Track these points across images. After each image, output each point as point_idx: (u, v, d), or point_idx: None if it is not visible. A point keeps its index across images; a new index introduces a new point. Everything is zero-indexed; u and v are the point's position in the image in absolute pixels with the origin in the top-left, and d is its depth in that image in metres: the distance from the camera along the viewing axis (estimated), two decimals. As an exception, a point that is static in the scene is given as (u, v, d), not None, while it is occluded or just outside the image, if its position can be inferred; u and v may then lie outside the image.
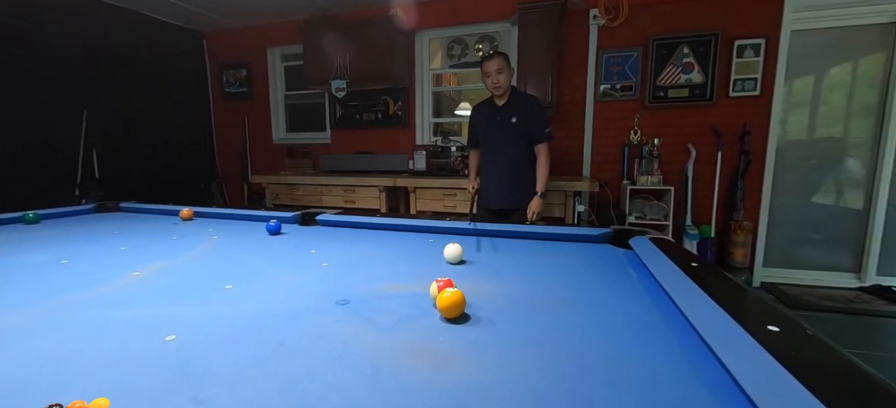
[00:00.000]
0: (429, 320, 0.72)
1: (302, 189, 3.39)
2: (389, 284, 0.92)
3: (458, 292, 0.71)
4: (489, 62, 2.10)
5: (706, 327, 0.58)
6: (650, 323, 0.70)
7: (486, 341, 0.64)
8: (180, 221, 1.72)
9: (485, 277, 0.98)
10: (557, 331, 0.68)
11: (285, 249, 1.25)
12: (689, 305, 0.67)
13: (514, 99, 2.18)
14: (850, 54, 2.72)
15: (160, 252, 1.21)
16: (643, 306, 0.78)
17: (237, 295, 0.85)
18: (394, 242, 1.33)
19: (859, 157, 2.79)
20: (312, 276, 0.99)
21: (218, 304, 0.80)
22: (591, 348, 0.61)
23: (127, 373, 0.54)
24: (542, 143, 2.15)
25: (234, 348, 0.61)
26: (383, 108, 3.74)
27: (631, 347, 0.61)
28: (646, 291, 0.85)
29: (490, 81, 2.13)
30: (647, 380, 0.52)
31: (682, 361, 0.57)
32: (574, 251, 1.21)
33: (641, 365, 0.56)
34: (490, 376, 0.54)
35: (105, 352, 0.60)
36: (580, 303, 0.80)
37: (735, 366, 0.48)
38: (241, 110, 4.28)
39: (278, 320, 0.72)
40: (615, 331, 0.67)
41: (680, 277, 0.80)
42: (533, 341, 0.64)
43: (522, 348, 0.62)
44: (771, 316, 0.61)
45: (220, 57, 4.26)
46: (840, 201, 2.90)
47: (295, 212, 1.65)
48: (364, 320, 0.72)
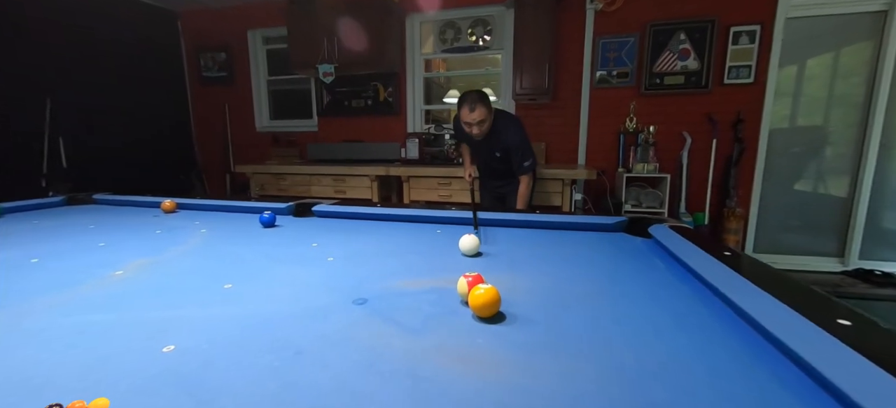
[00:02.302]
0: (459, 319, 0.65)
1: (289, 179, 3.25)
2: (405, 280, 0.85)
3: (493, 289, 0.65)
4: (470, 113, 1.91)
5: (773, 323, 0.54)
6: (698, 318, 0.65)
7: (530, 342, 0.58)
8: (162, 213, 1.59)
9: (503, 269, 0.92)
10: (601, 328, 0.62)
11: (283, 243, 1.16)
12: (744, 298, 0.62)
13: (496, 135, 2.03)
14: (842, 43, 2.75)
15: (144, 248, 1.10)
16: (682, 299, 0.73)
17: (239, 295, 0.77)
18: (398, 234, 1.25)
19: (845, 145, 2.86)
20: (320, 272, 0.90)
21: (218, 305, 0.72)
22: (644, 348, 0.56)
23: (119, 392, 0.46)
24: (523, 175, 2.06)
25: (245, 357, 0.54)
26: (373, 94, 3.61)
27: (686, 345, 0.56)
28: (681, 282, 0.81)
29: (470, 130, 1.97)
30: (719, 383, 0.47)
31: (749, 359, 0.52)
32: (589, 241, 1.16)
33: (707, 366, 0.51)
34: (548, 383, 0.48)
35: (89, 365, 0.52)
36: (614, 296, 0.75)
37: (826, 367, 0.43)
38: (221, 96, 4.07)
39: (291, 322, 0.64)
40: (663, 327, 0.62)
41: (720, 268, 0.75)
42: (580, 339, 0.58)
43: (572, 348, 0.56)
44: (831, 309, 0.57)
45: (196, 39, 4.02)
46: (825, 189, 2.96)
47: (287, 203, 1.55)
48: (388, 321, 0.65)
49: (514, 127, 2.05)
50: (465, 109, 1.93)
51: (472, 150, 2.27)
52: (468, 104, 1.92)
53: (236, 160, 4.06)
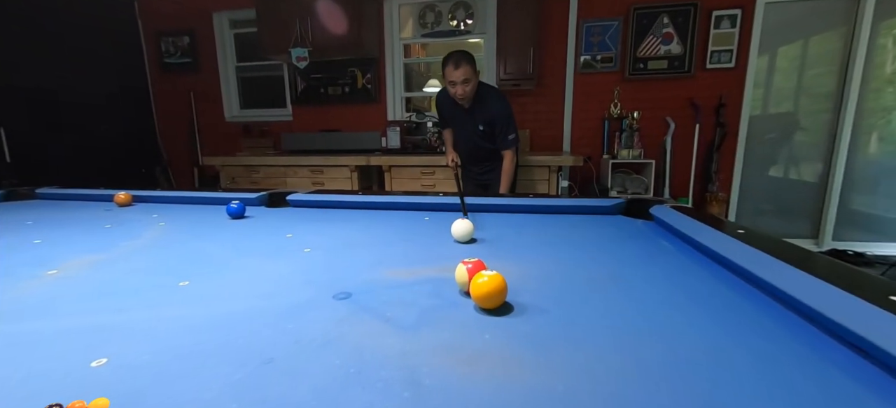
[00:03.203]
0: (460, 312, 0.56)
1: (263, 171, 3.07)
2: (393, 270, 0.75)
3: (499, 276, 0.56)
4: (455, 70, 1.83)
5: (824, 304, 0.47)
6: (725, 300, 0.59)
7: (545, 335, 0.49)
8: (115, 207, 1.43)
9: (503, 255, 0.83)
10: (622, 315, 0.54)
11: (254, 234, 1.04)
12: (780, 277, 0.56)
13: (480, 103, 1.96)
14: (817, 29, 2.80)
15: (88, 245, 0.96)
16: (702, 281, 0.67)
17: (197, 293, 0.65)
18: (382, 222, 1.15)
19: (818, 130, 2.92)
20: (295, 264, 0.79)
21: (170, 306, 0.60)
22: (675, 335, 0.48)
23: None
24: (507, 149, 2.00)
25: (198, 370, 0.43)
26: (351, 80, 3.45)
27: (720, 331, 0.49)
28: (696, 264, 0.74)
29: (455, 91, 1.89)
30: (769, 371, 0.40)
31: (795, 343, 0.45)
32: (589, 224, 1.09)
33: (750, 352, 0.44)
34: (572, 382, 0.39)
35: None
36: (629, 280, 0.67)
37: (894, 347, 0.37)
38: (185, 84, 3.80)
39: (259, 323, 0.53)
40: (690, 312, 0.55)
41: (741, 247, 0.69)
42: (601, 329, 0.50)
43: (594, 340, 0.48)
44: (878, 287, 0.51)
45: (156, 22, 3.73)
46: (799, 173, 3.03)
47: (260, 193, 1.42)
48: (377, 317, 0.55)
49: (498, 97, 2.00)
50: (449, 67, 1.85)
51: (456, 129, 2.17)
52: (453, 61, 1.84)
53: (204, 152, 3.82)
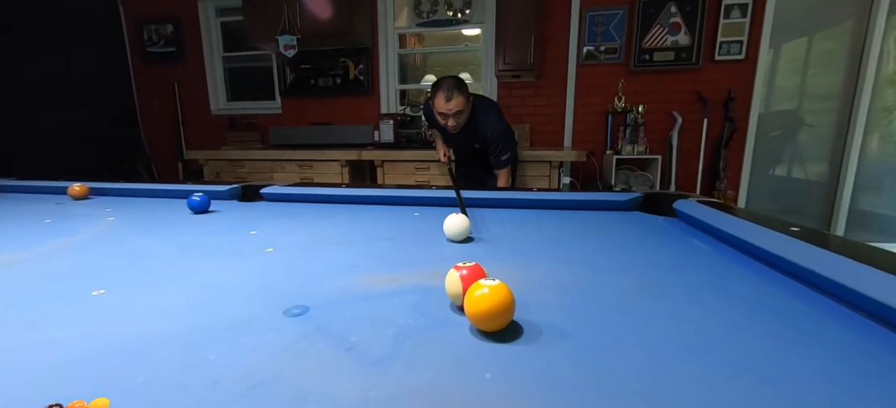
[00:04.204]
0: (450, 336, 0.42)
1: (248, 166, 2.90)
2: (369, 276, 0.60)
3: (503, 287, 0.41)
4: (446, 103, 1.65)
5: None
6: (787, 312, 0.45)
7: (569, 373, 0.35)
8: (68, 199, 1.27)
9: (506, 258, 0.69)
10: (668, 341, 0.40)
11: (214, 231, 0.89)
12: (873, 286, 0.42)
13: (473, 126, 1.80)
14: (831, 20, 2.67)
15: (12, 242, 0.81)
16: (750, 288, 0.53)
17: (108, 306, 0.50)
18: (367, 218, 1.00)
19: (830, 126, 2.80)
20: (249, 268, 0.65)
21: (67, 325, 0.45)
22: (747, 371, 0.34)
23: None
24: (501, 169, 1.85)
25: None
26: (343, 72, 3.29)
27: (791, 353, 0.35)
28: (746, 270, 0.60)
29: (446, 123, 1.73)
30: None
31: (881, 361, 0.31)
32: (603, 221, 0.95)
33: (836, 382, 0.30)
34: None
35: None
36: (666, 292, 0.53)
37: None
38: (169, 75, 3.62)
39: (172, 352, 0.39)
40: (750, 332, 0.41)
41: (808, 248, 0.55)
42: (642, 362, 0.36)
43: (633, 380, 0.33)
44: None
45: (139, 10, 3.56)
46: (807, 172, 2.91)
47: (232, 185, 1.26)
48: (336, 344, 0.40)
49: (494, 115, 1.82)
50: (439, 98, 1.67)
51: (447, 139, 2.04)
52: (444, 92, 1.66)
53: (189, 146, 3.65)
